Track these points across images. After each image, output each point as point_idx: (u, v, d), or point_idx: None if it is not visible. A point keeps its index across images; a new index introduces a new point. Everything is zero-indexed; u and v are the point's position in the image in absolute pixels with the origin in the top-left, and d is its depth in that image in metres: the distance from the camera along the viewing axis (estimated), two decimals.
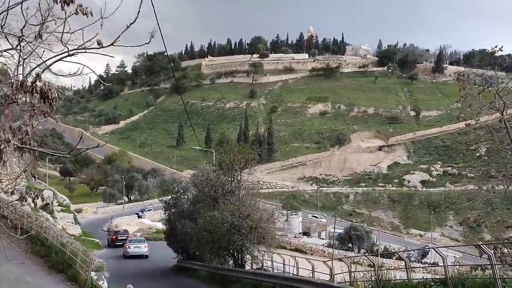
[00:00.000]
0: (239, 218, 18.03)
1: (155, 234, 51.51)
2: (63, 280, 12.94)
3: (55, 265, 13.81)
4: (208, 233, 19.24)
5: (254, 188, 21.24)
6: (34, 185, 40.88)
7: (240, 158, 20.30)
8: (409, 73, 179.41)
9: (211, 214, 19.20)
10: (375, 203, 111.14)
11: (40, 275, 13.28)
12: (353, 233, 68.33)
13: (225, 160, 20.67)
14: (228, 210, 18.42)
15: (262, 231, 17.77)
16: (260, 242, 18.07)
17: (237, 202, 19.09)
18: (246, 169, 20.51)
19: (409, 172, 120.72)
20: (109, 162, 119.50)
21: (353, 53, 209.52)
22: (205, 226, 19.37)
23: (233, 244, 18.76)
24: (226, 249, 19.88)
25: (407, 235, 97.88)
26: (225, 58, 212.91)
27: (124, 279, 24.03)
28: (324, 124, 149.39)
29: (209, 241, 19.56)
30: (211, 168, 24.73)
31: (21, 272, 13.41)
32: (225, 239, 18.58)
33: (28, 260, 14.73)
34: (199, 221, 20.22)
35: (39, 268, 13.94)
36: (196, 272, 25.28)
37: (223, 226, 18.20)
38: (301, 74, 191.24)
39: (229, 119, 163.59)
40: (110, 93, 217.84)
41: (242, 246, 18.58)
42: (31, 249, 15.57)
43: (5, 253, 15.80)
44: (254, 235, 17.61)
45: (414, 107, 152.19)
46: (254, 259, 19.73)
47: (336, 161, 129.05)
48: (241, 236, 17.88)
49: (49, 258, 14.34)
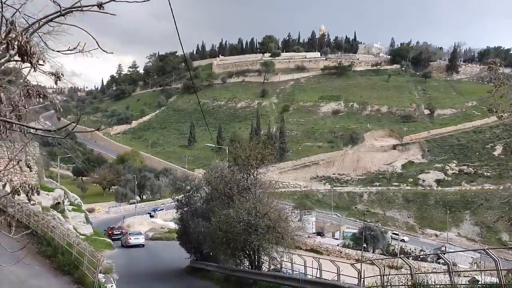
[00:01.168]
0: (255, 216, 17.01)
1: (167, 233, 50.81)
2: (69, 282, 12.09)
3: (61, 266, 12.97)
4: (222, 233, 18.18)
5: (271, 186, 20.14)
6: (45, 184, 40.46)
7: (257, 153, 19.46)
8: (422, 71, 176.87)
9: (225, 213, 18.24)
10: (390, 203, 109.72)
11: (45, 277, 12.45)
12: (367, 233, 67.27)
13: (241, 155, 19.70)
14: (244, 208, 17.43)
15: (281, 231, 16.70)
16: (279, 243, 16.96)
17: (254, 200, 18.00)
18: (263, 164, 19.51)
19: (424, 171, 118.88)
20: (121, 161, 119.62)
21: (366, 52, 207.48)
22: (219, 225, 18.37)
23: (250, 244, 17.66)
24: (242, 249, 18.79)
25: (422, 235, 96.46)
26: (237, 57, 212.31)
27: (135, 281, 23.19)
28: (337, 123, 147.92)
29: (224, 241, 18.53)
30: (224, 164, 23.75)
31: (26, 274, 12.61)
32: (241, 239, 17.53)
33: (34, 261, 13.92)
34: (213, 220, 19.23)
35: (44, 269, 13.12)
36: (210, 273, 24.26)
37: (239, 225, 17.18)
38: (313, 72, 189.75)
39: (240, 119, 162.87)
40: (122, 93, 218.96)
41: (259, 246, 17.48)
42: (37, 249, 14.81)
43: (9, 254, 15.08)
44: (272, 235, 16.55)
45: (428, 106, 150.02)
46: (272, 261, 18.56)
47: (349, 160, 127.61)
48: (258, 235, 16.80)
49: (55, 258, 13.52)
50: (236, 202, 18.13)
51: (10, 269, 12.75)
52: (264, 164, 19.58)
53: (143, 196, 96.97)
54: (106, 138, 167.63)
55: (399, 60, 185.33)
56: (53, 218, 20.04)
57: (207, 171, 23.24)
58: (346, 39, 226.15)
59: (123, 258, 33.90)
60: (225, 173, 20.66)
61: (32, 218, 16.74)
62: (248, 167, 19.24)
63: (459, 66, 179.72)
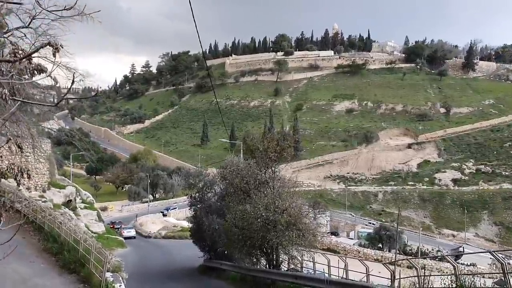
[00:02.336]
0: (274, 212, 15.88)
1: (180, 232, 50.08)
2: (75, 281, 11.22)
3: (67, 264, 12.10)
4: (238, 230, 17.08)
5: (291, 180, 18.98)
6: (57, 182, 39.95)
7: (275, 145, 18.25)
8: (438, 69, 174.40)
9: (242, 208, 17.11)
10: (405, 202, 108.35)
11: (50, 276, 11.59)
12: (383, 233, 66.25)
13: (259, 147, 18.51)
14: (262, 204, 16.29)
15: (302, 228, 15.55)
16: (299, 241, 15.72)
17: (272, 195, 16.84)
18: (282, 157, 18.39)
19: (440, 170, 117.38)
20: (134, 160, 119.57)
21: (380, 50, 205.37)
22: (235, 222, 17.27)
23: (268, 242, 16.43)
24: (260, 247, 17.60)
25: (439, 235, 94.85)
26: (249, 56, 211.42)
27: (146, 280, 22.36)
28: (351, 122, 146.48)
29: (240, 239, 17.36)
30: (239, 159, 22.61)
31: (29, 272, 11.78)
32: (258, 236, 16.34)
33: (39, 259, 13.11)
34: (228, 216, 18.16)
35: (49, 267, 12.27)
36: (225, 272, 23.14)
37: (256, 221, 16.04)
38: (327, 71, 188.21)
39: (253, 118, 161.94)
40: (136, 93, 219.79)
41: (279, 244, 16.24)
42: (42, 246, 13.99)
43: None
44: (292, 232, 15.41)
45: (444, 104, 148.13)
46: (292, 260, 17.31)
47: (363, 159, 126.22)
48: (277, 233, 15.58)
49: (61, 256, 12.66)
50: (254, 197, 16.95)
51: (14, 267, 11.95)
52: (283, 157, 18.44)
53: (156, 195, 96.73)
54: (120, 137, 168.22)
55: (414, 58, 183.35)
56: (61, 214, 19.22)
57: (222, 166, 22.04)
58: (359, 37, 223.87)
59: (135, 257, 33.20)
60: (241, 167, 19.58)
61: (39, 214, 15.94)
62: (266, 160, 18.17)
63: (475, 64, 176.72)
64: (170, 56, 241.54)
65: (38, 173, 35.45)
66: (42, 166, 35.30)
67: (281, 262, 17.69)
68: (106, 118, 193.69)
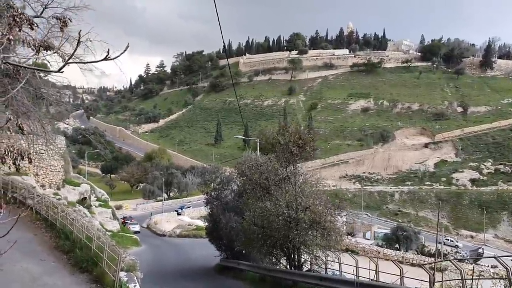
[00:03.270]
0: (297, 210, 15.02)
1: (195, 231, 49.54)
2: (87, 281, 10.54)
3: (79, 262, 11.44)
4: (258, 228, 16.21)
5: (314, 175, 18.02)
6: (71, 179, 39.62)
7: (297, 138, 17.15)
8: (455, 68, 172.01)
9: (262, 206, 16.19)
10: (422, 203, 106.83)
11: (61, 275, 10.94)
12: (400, 233, 65.08)
13: (280, 140, 17.45)
14: (283, 201, 15.42)
15: (328, 226, 14.64)
16: (324, 240, 14.80)
17: (294, 192, 15.97)
18: (304, 151, 17.47)
19: (458, 170, 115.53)
20: (149, 159, 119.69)
21: (395, 49, 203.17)
22: (254, 220, 16.39)
23: (291, 241, 15.51)
24: (281, 247, 16.66)
25: (457, 236, 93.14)
26: (263, 55, 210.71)
27: (162, 279, 21.71)
28: (367, 121, 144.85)
29: (260, 237, 16.43)
30: (256, 155, 21.64)
31: (39, 271, 11.15)
32: (279, 235, 15.47)
33: (50, 257, 12.48)
34: (247, 214, 17.27)
35: (61, 266, 11.62)
36: (242, 273, 22.22)
37: (278, 219, 15.18)
38: (342, 70, 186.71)
39: (267, 117, 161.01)
40: (150, 92, 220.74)
41: (302, 243, 15.34)
42: (54, 243, 13.38)
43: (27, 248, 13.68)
44: (317, 230, 14.50)
45: (461, 103, 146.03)
46: (316, 260, 16.28)
47: (379, 159, 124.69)
48: (300, 231, 14.73)
49: (73, 254, 12.03)
50: (275, 193, 16.01)
51: (24, 265, 11.35)
52: (306, 152, 17.49)
53: (170, 194, 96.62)
54: (134, 136, 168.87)
55: (430, 57, 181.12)
56: (74, 211, 18.65)
57: (239, 162, 21.14)
58: (375, 36, 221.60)
59: (150, 256, 32.67)
60: (261, 162, 18.70)
61: (51, 210, 15.37)
62: (287, 154, 17.26)
63: (493, 63, 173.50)
64: (184, 56, 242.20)
65: (53, 171, 35.12)
66: (57, 163, 34.96)
67: (303, 262, 16.74)
68: (121, 118, 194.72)
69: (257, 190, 17.66)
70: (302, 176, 17.48)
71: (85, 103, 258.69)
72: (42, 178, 33.67)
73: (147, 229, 59.47)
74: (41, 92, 14.72)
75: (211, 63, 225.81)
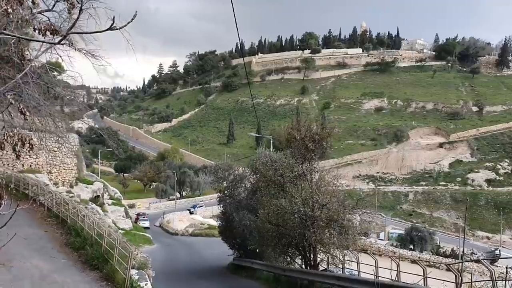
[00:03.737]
0: (313, 207, 14.51)
1: (207, 230, 49.33)
2: (97, 279, 10.23)
3: (90, 259, 11.14)
4: (273, 226, 15.74)
5: (330, 171, 17.47)
6: (84, 177, 39.61)
7: (313, 134, 16.69)
8: (470, 67, 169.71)
9: (277, 203, 15.68)
10: (437, 203, 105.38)
11: (71, 273, 10.65)
12: (414, 234, 64.14)
13: (295, 136, 16.88)
14: (299, 198, 14.88)
15: (346, 224, 14.12)
16: (342, 239, 14.22)
17: (310, 189, 15.45)
18: (321, 147, 16.97)
19: (473, 170, 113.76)
20: (161, 158, 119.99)
21: (409, 48, 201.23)
22: (269, 218, 15.90)
23: (307, 240, 14.91)
24: (296, 245, 16.12)
25: (472, 237, 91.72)
26: (276, 55, 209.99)
27: (174, 278, 21.40)
28: (380, 120, 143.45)
29: (274, 236, 15.96)
30: (270, 153, 21.12)
31: (49, 268, 10.87)
32: (295, 234, 14.96)
33: (60, 253, 12.20)
34: (261, 212, 16.79)
35: (71, 263, 11.34)
36: (256, 272, 21.75)
37: (293, 217, 14.74)
38: (355, 69, 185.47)
39: (279, 116, 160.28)
40: (163, 92, 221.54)
41: (319, 242, 14.78)
42: (65, 240, 13.12)
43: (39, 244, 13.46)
44: (334, 229, 13.96)
45: (477, 102, 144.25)
46: (333, 259, 15.48)
47: (393, 158, 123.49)
48: (317, 229, 14.23)
49: (84, 251, 11.74)
50: (291, 190, 15.51)
51: (34, 262, 11.10)
52: (322, 147, 16.97)
53: (183, 193, 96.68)
54: (147, 136, 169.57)
55: (445, 56, 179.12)
56: (85, 207, 18.42)
57: (253, 159, 20.65)
58: (388, 35, 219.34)
59: (162, 254, 32.45)
60: (275, 159, 18.28)
61: (62, 207, 15.12)
62: (303, 150, 16.75)
63: (510, 62, 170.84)
64: (196, 56, 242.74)
65: (66, 169, 35.10)
66: (70, 161, 34.93)
67: (319, 262, 16.22)
68: (134, 117, 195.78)
69: (272, 188, 17.19)
70: (318, 173, 16.93)
71: (99, 103, 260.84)
72: (55, 176, 33.66)
73: (160, 227, 59.45)
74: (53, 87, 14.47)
75: (224, 62, 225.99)
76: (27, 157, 31.59)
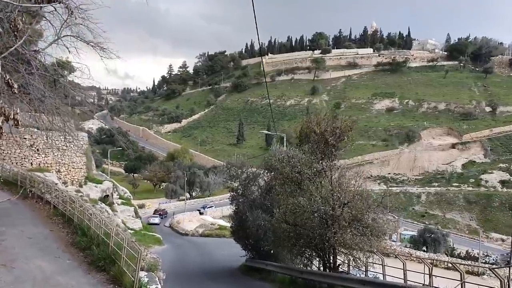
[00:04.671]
0: (334, 206, 13.58)
1: (217, 230, 48.59)
2: (103, 281, 9.47)
3: (96, 260, 10.36)
4: (290, 226, 14.85)
5: (351, 167, 16.49)
6: (94, 176, 39.08)
7: (334, 127, 15.69)
8: (483, 66, 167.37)
9: (294, 202, 14.74)
10: (450, 204, 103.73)
11: (75, 274, 9.91)
12: (427, 235, 62.97)
13: (315, 130, 15.90)
14: (319, 196, 13.94)
15: (371, 224, 13.17)
16: (366, 239, 13.15)
17: (330, 186, 14.51)
18: (342, 142, 16.07)
19: (487, 171, 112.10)
20: (171, 159, 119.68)
21: (420, 48, 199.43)
22: (285, 217, 15.01)
23: (328, 241, 13.91)
24: (316, 246, 15.07)
25: (486, 239, 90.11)
26: (286, 55, 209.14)
27: (185, 280, 20.63)
28: (392, 121, 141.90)
29: (291, 236, 15.02)
30: (287, 149, 20.12)
31: (53, 269, 10.14)
32: (314, 234, 14.02)
33: (66, 254, 11.47)
34: (277, 211, 15.88)
35: (76, 264, 10.59)
36: (271, 274, 20.72)
37: (312, 216, 13.82)
38: (366, 69, 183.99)
39: (290, 117, 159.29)
40: (173, 93, 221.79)
41: (341, 243, 13.68)
42: (71, 239, 12.40)
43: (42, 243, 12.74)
44: (358, 229, 13.01)
45: (490, 102, 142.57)
46: (355, 262, 14.37)
47: (405, 159, 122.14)
48: (340, 229, 13.31)
49: (90, 251, 10.98)
50: (310, 188, 14.53)
51: (37, 263, 10.39)
52: (343, 142, 16.05)
53: (193, 193, 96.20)
54: (157, 136, 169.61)
55: (457, 56, 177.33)
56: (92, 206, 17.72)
57: (267, 156, 19.67)
58: (399, 35, 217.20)
59: (172, 255, 31.72)
60: (292, 155, 17.33)
61: (69, 205, 14.42)
62: (323, 145, 15.76)
63: None
64: (206, 56, 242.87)
65: (75, 167, 34.61)
66: (79, 160, 34.43)
67: (339, 264, 15.22)
68: (144, 118, 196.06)
69: (288, 185, 16.23)
70: (338, 169, 15.97)
71: (109, 104, 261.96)
72: (64, 175, 33.20)
73: (170, 228, 58.86)
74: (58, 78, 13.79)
75: (233, 63, 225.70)
76: (36, 156, 31.15)
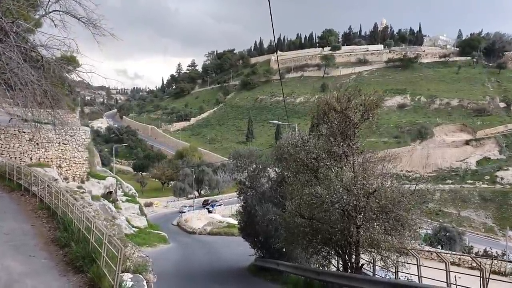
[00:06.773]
0: (358, 195, 11.46)
1: (226, 229, 46.95)
2: (80, 285, 7.73)
3: (74, 260, 8.61)
4: (305, 220, 12.94)
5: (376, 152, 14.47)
6: (96, 172, 37.53)
7: (358, 103, 13.65)
8: (496, 62, 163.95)
9: (311, 191, 12.62)
10: (464, 202, 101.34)
11: (48, 277, 8.18)
12: (443, 233, 60.64)
13: (336, 107, 13.71)
14: (341, 184, 11.78)
15: (403, 218, 11.16)
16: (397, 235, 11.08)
17: (352, 173, 12.37)
18: (366, 121, 14.16)
19: (502, 168, 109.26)
20: (180, 157, 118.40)
21: (431, 44, 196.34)
22: (300, 210, 13.03)
23: (352, 237, 11.87)
24: (336, 243, 12.96)
25: (503, 238, 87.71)
26: (295, 52, 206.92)
27: (186, 282, 18.88)
28: (403, 117, 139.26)
29: (307, 231, 13.04)
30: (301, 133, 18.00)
31: (23, 270, 8.43)
32: (334, 229, 12.02)
33: (43, 252, 9.75)
34: (289, 203, 13.85)
35: (52, 264, 8.88)
36: (283, 275, 18.84)
37: (332, 208, 11.77)
38: (376, 66, 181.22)
39: (299, 114, 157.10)
40: (182, 91, 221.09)
41: (367, 240, 11.57)
42: (52, 235, 10.68)
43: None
44: (387, 223, 10.96)
45: (504, 98, 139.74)
46: (384, 262, 11.94)
47: (418, 156, 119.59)
48: (366, 223, 11.36)
49: (70, 248, 9.25)
50: (329, 175, 12.41)
51: (6, 263, 8.71)
52: (368, 122, 14.00)
53: (201, 191, 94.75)
54: (166, 135, 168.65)
55: (469, 51, 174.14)
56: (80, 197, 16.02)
57: (278, 144, 17.59)
58: (410, 31, 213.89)
59: (177, 254, 30.06)
60: (307, 138, 15.32)
61: (54, 197, 12.72)
62: (344, 125, 13.64)
63: None
64: (215, 55, 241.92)
65: (77, 163, 33.09)
66: (81, 155, 32.89)
67: (363, 264, 13.10)
68: (153, 117, 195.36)
69: (303, 173, 14.11)
70: (362, 153, 13.95)
71: (118, 103, 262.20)
72: (66, 170, 31.74)
73: (177, 226, 57.38)
74: (33, 49, 12.22)
75: (242, 61, 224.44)
76: (36, 150, 29.73)
